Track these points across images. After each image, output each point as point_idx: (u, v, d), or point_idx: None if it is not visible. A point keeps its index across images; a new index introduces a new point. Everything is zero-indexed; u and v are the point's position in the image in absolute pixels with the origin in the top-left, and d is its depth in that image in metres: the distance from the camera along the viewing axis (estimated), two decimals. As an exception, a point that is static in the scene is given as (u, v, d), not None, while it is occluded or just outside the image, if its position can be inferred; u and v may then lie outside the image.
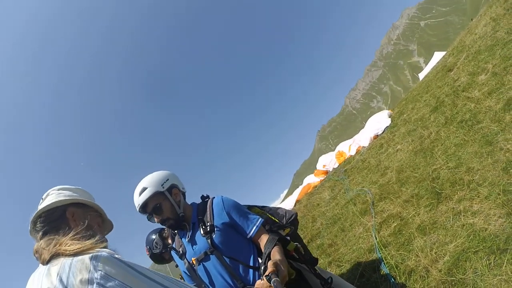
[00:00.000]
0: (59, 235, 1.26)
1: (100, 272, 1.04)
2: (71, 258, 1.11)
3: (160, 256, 3.11)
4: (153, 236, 3.18)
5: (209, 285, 2.01)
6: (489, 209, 2.71)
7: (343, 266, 3.92)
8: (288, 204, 9.74)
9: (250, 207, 2.36)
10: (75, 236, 1.24)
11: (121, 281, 1.03)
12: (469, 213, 2.88)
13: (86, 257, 1.09)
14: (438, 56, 20.53)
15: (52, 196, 1.50)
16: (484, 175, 3.18)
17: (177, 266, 2.27)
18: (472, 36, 7.15)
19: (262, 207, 2.46)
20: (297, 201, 9.45)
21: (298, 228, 2.49)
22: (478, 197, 2.98)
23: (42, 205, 1.45)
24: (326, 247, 4.78)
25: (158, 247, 3.10)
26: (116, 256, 1.12)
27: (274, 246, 1.86)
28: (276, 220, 2.34)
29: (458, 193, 3.27)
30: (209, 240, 1.97)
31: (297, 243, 2.14)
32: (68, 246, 1.17)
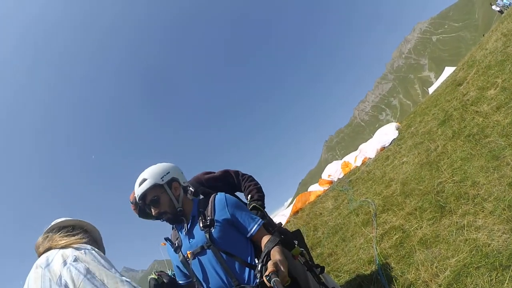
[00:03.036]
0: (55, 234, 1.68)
1: (74, 256, 1.47)
2: (58, 249, 1.54)
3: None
4: None
5: (202, 281, 1.97)
6: (493, 225, 2.65)
7: (341, 276, 3.85)
8: (288, 211, 9.63)
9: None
10: (63, 234, 1.67)
11: (87, 266, 1.43)
12: (472, 228, 2.82)
13: (71, 247, 1.54)
14: (448, 71, 20.40)
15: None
16: (489, 190, 3.11)
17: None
18: (482, 51, 7.10)
19: None
20: (300, 209, 9.35)
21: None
22: (483, 212, 2.91)
23: (66, 222, 1.82)
24: (326, 256, 4.71)
25: None
26: (94, 249, 1.56)
27: (275, 246, 1.83)
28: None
29: (462, 207, 3.20)
30: (207, 234, 1.94)
31: (302, 249, 2.11)
32: (58, 241, 1.58)
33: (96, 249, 1.57)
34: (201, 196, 2.51)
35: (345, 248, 4.51)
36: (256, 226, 2.01)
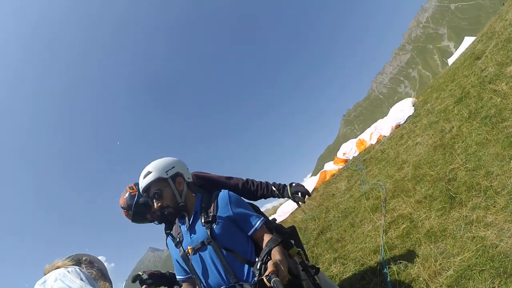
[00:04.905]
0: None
1: (63, 273, 1.81)
2: (54, 270, 1.89)
3: (142, 213, 2.55)
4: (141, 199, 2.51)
5: (201, 277, 2.00)
6: (504, 222, 2.49)
7: (347, 265, 3.81)
8: (306, 186, 9.53)
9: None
10: (60, 259, 1.99)
11: (70, 278, 1.78)
12: (481, 224, 2.66)
13: (63, 267, 1.89)
14: (468, 41, 19.21)
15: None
16: (503, 182, 2.92)
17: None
18: (502, 22, 6.56)
19: None
20: (315, 189, 9.31)
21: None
22: (494, 207, 2.74)
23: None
24: (334, 242, 4.67)
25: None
26: (79, 269, 1.90)
27: (276, 245, 1.85)
28: None
29: (473, 199, 3.03)
30: (208, 230, 1.96)
31: (299, 249, 2.10)
32: (55, 265, 1.93)
33: (83, 269, 1.94)
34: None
35: (353, 234, 4.44)
36: (258, 224, 2.03)
